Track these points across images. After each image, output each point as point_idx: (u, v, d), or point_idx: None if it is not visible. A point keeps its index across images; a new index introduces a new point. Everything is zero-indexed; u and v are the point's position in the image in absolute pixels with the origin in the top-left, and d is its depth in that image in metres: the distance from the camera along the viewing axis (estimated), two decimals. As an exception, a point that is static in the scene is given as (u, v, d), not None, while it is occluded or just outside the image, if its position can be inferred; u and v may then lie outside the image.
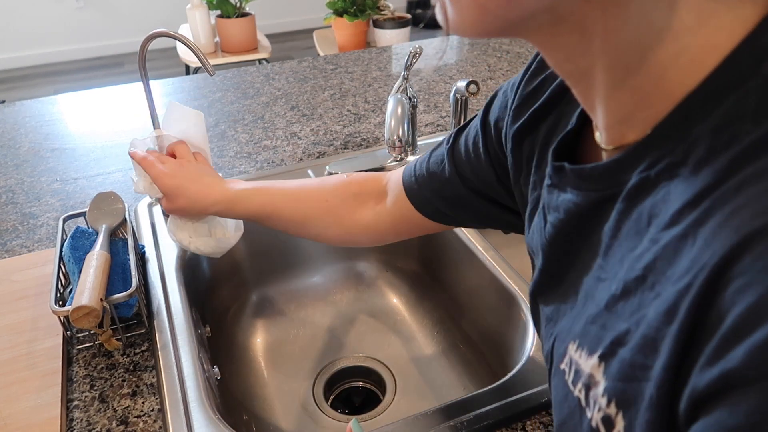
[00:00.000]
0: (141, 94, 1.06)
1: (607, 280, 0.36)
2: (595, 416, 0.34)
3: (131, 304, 0.74)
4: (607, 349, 0.34)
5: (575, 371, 0.37)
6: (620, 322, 0.33)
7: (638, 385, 0.30)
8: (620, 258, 0.35)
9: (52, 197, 1.05)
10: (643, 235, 0.33)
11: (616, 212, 0.35)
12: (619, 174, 0.35)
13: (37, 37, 4.41)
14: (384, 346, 0.99)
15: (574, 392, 0.37)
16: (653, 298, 0.30)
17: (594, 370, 0.34)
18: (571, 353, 0.38)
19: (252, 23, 2.88)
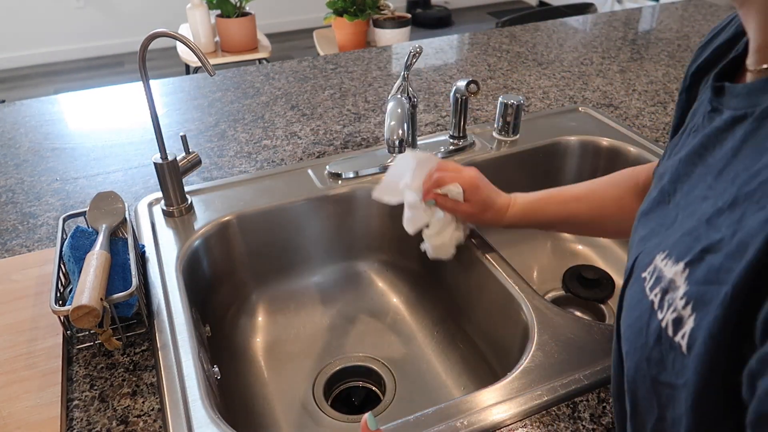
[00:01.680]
0: (141, 93, 1.06)
1: (712, 198, 0.37)
2: (667, 317, 0.35)
3: (131, 304, 0.74)
4: (696, 256, 0.34)
5: (656, 278, 0.38)
6: (715, 233, 0.33)
7: (718, 288, 0.31)
8: (734, 176, 0.35)
9: (52, 197, 1.05)
10: (764, 154, 0.33)
11: (743, 132, 0.36)
12: (756, 95, 0.36)
13: (37, 36, 4.41)
14: (384, 345, 0.99)
15: (649, 296, 0.38)
16: (757, 209, 0.31)
17: (676, 276, 0.35)
18: (657, 262, 0.39)
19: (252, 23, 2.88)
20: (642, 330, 0.39)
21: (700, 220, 0.36)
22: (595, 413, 0.64)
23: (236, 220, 0.97)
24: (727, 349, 0.30)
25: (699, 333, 0.32)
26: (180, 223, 0.95)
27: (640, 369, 0.39)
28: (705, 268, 0.33)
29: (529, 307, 0.78)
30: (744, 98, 0.37)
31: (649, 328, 0.38)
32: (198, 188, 1.03)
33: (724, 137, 0.38)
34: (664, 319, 0.36)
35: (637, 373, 0.40)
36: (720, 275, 0.31)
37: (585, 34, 1.78)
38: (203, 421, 0.64)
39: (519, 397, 0.66)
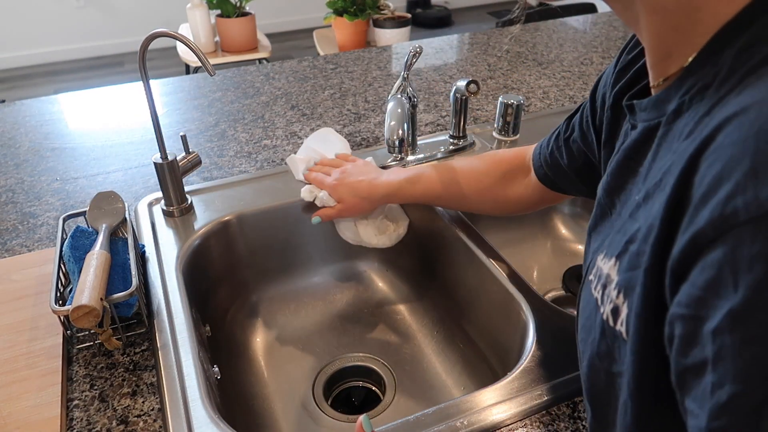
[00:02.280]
0: (141, 93, 1.06)
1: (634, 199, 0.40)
2: (607, 309, 0.38)
3: (131, 304, 0.74)
4: (622, 248, 0.37)
5: (598, 276, 0.41)
6: (634, 224, 0.37)
7: (638, 271, 0.34)
8: (653, 176, 0.37)
9: (52, 196, 1.05)
10: (675, 149, 0.35)
11: (658, 138, 0.39)
12: (664, 104, 0.38)
13: (37, 36, 4.41)
14: (384, 345, 0.99)
15: (594, 294, 0.40)
16: (661, 194, 0.33)
17: (611, 270, 0.38)
18: (599, 262, 0.42)
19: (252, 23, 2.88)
20: (591, 327, 0.41)
21: (625, 217, 0.40)
22: (595, 413, 0.64)
23: (236, 220, 0.97)
24: (654, 326, 0.32)
25: (631, 316, 0.35)
26: (180, 222, 0.95)
27: (593, 365, 0.41)
28: (627, 256, 0.36)
29: (528, 306, 0.78)
30: (652, 110, 0.40)
31: (595, 323, 0.40)
32: (198, 188, 1.03)
33: (645, 147, 0.41)
34: (605, 311, 0.38)
35: (590, 369, 0.42)
36: (638, 259, 0.34)
37: (585, 34, 1.78)
38: (203, 420, 0.64)
39: (519, 396, 0.66)
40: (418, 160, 1.10)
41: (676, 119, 0.37)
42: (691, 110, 0.35)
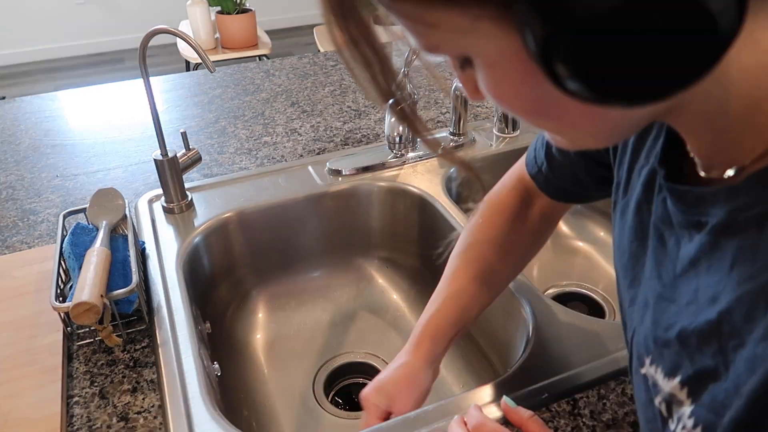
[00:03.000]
0: (141, 90, 1.05)
1: (673, 303, 0.39)
2: (677, 428, 0.37)
3: (131, 301, 0.74)
4: (691, 379, 0.36)
5: (653, 384, 0.40)
6: (702, 358, 0.35)
7: (721, 420, 0.33)
8: (694, 289, 0.36)
9: (52, 193, 1.05)
10: (721, 276, 0.34)
11: (699, 242, 0.36)
12: (710, 206, 0.35)
13: (37, 33, 4.40)
14: (384, 342, 0.99)
15: (655, 403, 0.39)
16: (735, 347, 0.32)
17: (676, 391, 0.37)
18: (647, 367, 0.41)
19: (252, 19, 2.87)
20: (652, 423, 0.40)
21: (669, 333, 0.38)
22: (595, 410, 0.64)
23: (236, 217, 0.97)
24: None
25: None
26: (180, 219, 0.95)
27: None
28: (709, 396, 0.34)
29: (529, 303, 0.78)
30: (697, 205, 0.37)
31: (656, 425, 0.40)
32: (198, 185, 1.03)
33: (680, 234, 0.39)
34: (679, 430, 0.37)
35: None
36: (724, 410, 0.33)
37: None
38: (203, 417, 0.64)
39: (519, 393, 0.66)
40: (417, 156, 1.10)
41: (727, 237, 0.34)
42: (748, 238, 0.33)
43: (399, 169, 1.08)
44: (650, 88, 0.28)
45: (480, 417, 0.54)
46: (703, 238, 0.36)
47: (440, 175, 1.05)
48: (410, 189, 1.03)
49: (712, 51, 0.27)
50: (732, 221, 0.34)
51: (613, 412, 0.64)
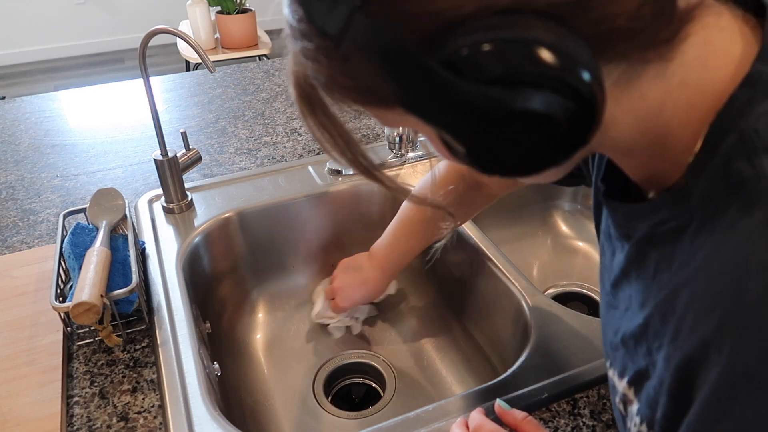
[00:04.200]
0: (141, 90, 1.06)
1: (617, 310, 0.43)
2: (632, 429, 0.41)
3: (131, 300, 0.74)
4: (633, 379, 0.40)
5: (613, 386, 0.44)
6: (638, 359, 0.40)
7: (655, 415, 0.37)
8: (628, 296, 0.40)
9: (52, 193, 1.05)
10: (647, 283, 0.38)
11: (627, 253, 0.41)
12: (636, 220, 0.40)
13: (37, 33, 4.40)
14: (384, 342, 0.99)
15: (617, 403, 0.44)
16: (657, 348, 0.37)
17: (626, 391, 0.42)
18: (608, 371, 0.45)
19: (252, 19, 2.87)
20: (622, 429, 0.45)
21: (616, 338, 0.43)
22: (595, 410, 0.64)
23: (237, 217, 0.97)
24: None
25: None
26: (180, 219, 0.95)
27: None
28: (645, 394, 0.39)
29: (529, 303, 0.78)
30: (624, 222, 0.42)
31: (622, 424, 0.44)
32: (198, 185, 1.03)
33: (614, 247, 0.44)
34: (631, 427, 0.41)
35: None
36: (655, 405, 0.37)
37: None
38: (203, 417, 0.64)
39: (519, 393, 0.66)
40: (417, 156, 1.10)
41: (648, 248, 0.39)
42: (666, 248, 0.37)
43: (399, 169, 1.08)
44: (523, 169, 0.34)
45: (480, 419, 0.58)
46: (631, 249, 0.40)
47: (440, 175, 1.05)
48: (410, 189, 1.03)
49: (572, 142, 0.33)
50: (652, 234, 0.38)
51: (613, 411, 0.64)
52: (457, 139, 0.34)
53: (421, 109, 0.33)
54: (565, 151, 0.33)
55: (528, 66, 0.29)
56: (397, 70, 0.32)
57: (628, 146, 0.39)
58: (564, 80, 0.30)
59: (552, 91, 0.30)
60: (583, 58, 0.30)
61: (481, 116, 0.31)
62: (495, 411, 0.60)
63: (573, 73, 0.30)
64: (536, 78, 0.30)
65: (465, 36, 0.30)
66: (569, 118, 0.31)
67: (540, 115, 0.30)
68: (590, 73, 0.30)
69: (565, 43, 0.29)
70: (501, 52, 0.29)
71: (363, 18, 0.31)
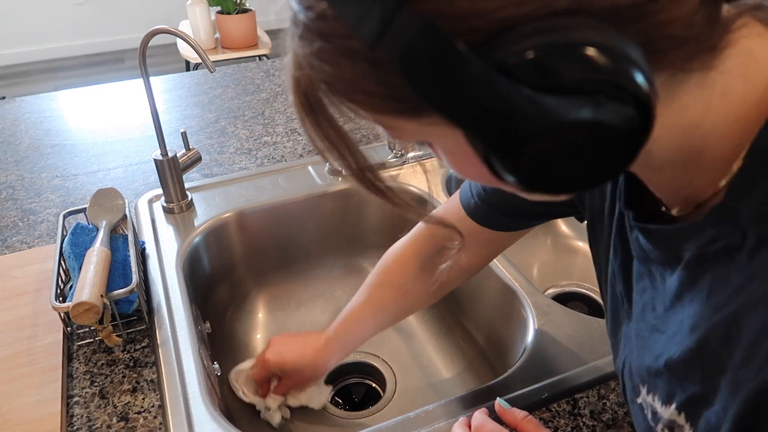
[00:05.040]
0: (141, 90, 1.06)
1: (664, 334, 0.41)
2: None
3: (131, 300, 0.74)
4: (685, 405, 0.38)
5: (653, 412, 0.42)
6: (690, 384, 0.37)
7: None
8: (680, 320, 0.38)
9: (52, 193, 1.05)
10: (700, 307, 0.36)
11: (679, 276, 0.39)
12: (681, 241, 0.38)
13: (37, 33, 4.40)
14: (384, 342, 0.99)
15: (658, 430, 0.41)
16: (717, 372, 0.35)
17: (674, 417, 0.39)
18: (644, 396, 0.43)
19: (252, 19, 2.87)
20: None
21: (658, 363, 0.40)
22: (595, 410, 0.64)
23: (236, 217, 0.97)
24: None
25: None
26: (180, 219, 0.95)
27: None
28: (705, 421, 0.36)
29: (529, 303, 0.78)
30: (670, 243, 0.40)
31: None
32: (198, 185, 1.03)
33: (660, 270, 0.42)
34: None
35: None
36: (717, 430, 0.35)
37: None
38: (203, 417, 0.64)
39: (519, 393, 0.66)
40: (417, 157, 1.10)
41: (701, 270, 0.37)
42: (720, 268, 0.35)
43: (399, 169, 1.08)
44: (574, 184, 0.32)
45: (482, 418, 0.57)
46: (683, 273, 0.38)
47: (440, 175, 1.06)
48: (410, 189, 1.03)
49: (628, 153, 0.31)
50: (703, 255, 0.36)
51: (613, 412, 0.64)
52: (505, 154, 0.31)
53: (467, 120, 0.30)
54: (621, 163, 0.31)
55: (586, 73, 0.28)
56: (444, 76, 0.29)
57: (663, 160, 0.37)
58: (623, 87, 0.28)
59: (611, 100, 0.28)
60: (640, 63, 0.28)
61: (538, 127, 0.29)
62: (495, 410, 0.60)
63: (631, 79, 0.28)
64: (597, 85, 0.28)
65: (523, 39, 0.28)
66: (627, 127, 0.29)
67: (600, 124, 0.29)
68: (647, 79, 0.28)
69: (623, 48, 0.28)
70: (559, 57, 0.28)
71: (407, 16, 0.28)
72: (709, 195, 0.37)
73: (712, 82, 0.33)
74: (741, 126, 0.33)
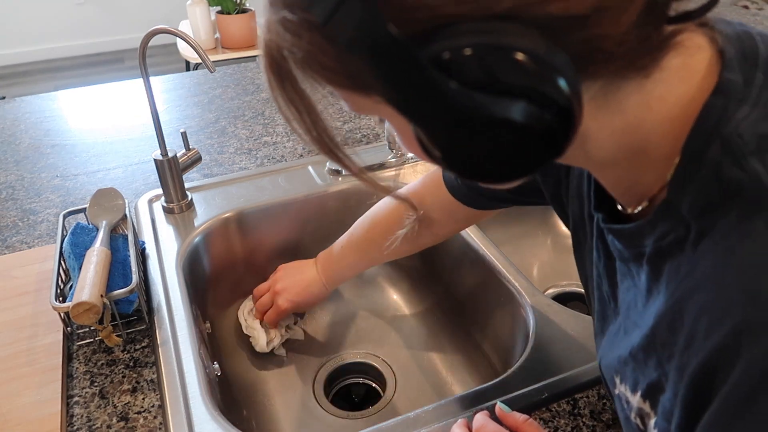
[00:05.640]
0: (141, 90, 1.06)
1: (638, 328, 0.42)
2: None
3: (131, 300, 0.74)
4: (647, 392, 0.40)
5: (626, 401, 0.43)
6: (649, 371, 0.39)
7: (670, 427, 0.37)
8: (650, 313, 0.40)
9: (52, 193, 1.05)
10: (660, 298, 0.38)
11: (646, 272, 0.40)
12: (641, 239, 0.40)
13: (37, 33, 4.40)
14: (384, 342, 0.99)
15: (632, 418, 0.43)
16: (668, 358, 0.36)
17: (641, 405, 0.41)
18: (618, 385, 0.44)
19: (252, 19, 2.87)
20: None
21: (625, 351, 0.42)
22: (595, 410, 0.64)
23: (236, 217, 0.97)
24: None
25: None
26: (180, 219, 0.95)
27: None
28: (661, 406, 0.38)
29: (529, 303, 0.78)
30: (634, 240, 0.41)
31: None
32: (198, 185, 1.03)
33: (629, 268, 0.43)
34: None
35: None
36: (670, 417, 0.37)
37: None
38: (203, 417, 0.64)
39: (519, 393, 0.66)
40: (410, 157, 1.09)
41: (659, 263, 0.38)
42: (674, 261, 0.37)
43: (399, 169, 1.08)
44: (496, 175, 0.35)
45: (483, 420, 0.58)
46: (647, 268, 0.40)
47: (440, 175, 1.05)
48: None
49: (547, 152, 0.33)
50: (659, 249, 0.38)
51: (613, 412, 0.64)
52: (432, 138, 0.34)
53: (401, 103, 0.33)
54: (538, 162, 0.34)
55: (512, 75, 0.30)
56: (384, 61, 0.31)
57: (605, 159, 0.39)
58: (544, 92, 0.30)
59: (532, 102, 0.30)
60: (565, 71, 0.30)
61: (461, 119, 0.31)
62: (495, 413, 0.60)
63: (553, 85, 0.30)
64: (518, 88, 0.30)
65: (457, 36, 0.30)
66: (545, 129, 0.31)
67: (519, 124, 0.31)
68: (570, 87, 0.30)
69: (550, 56, 0.30)
70: (489, 58, 0.30)
71: (356, 1, 0.30)
72: (657, 190, 0.39)
73: (651, 87, 0.35)
74: (679, 124, 0.35)
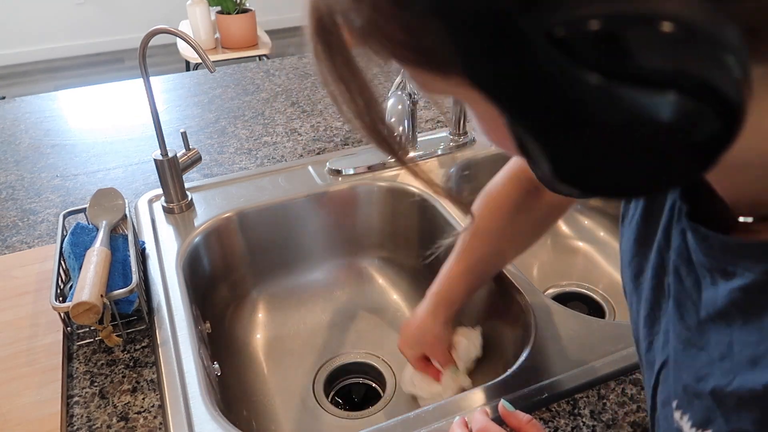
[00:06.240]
0: (141, 90, 1.06)
1: (703, 351, 0.36)
2: None
3: (131, 300, 0.74)
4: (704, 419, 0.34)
5: (678, 429, 0.37)
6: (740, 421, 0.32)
7: None
8: (728, 343, 0.34)
9: (52, 193, 1.05)
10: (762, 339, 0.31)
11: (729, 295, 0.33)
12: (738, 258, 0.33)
13: (37, 33, 4.40)
14: (384, 342, 0.99)
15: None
16: None
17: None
18: (675, 413, 0.38)
19: (252, 19, 2.87)
20: None
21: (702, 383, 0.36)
22: (595, 410, 0.64)
23: (236, 217, 0.97)
24: None
25: None
26: (180, 219, 0.95)
27: None
28: None
29: (529, 303, 0.78)
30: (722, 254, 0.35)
31: None
32: (198, 185, 1.03)
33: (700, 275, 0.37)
34: None
35: None
36: None
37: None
38: (203, 417, 0.64)
39: (519, 393, 0.66)
40: (418, 156, 1.10)
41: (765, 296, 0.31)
42: None
43: (399, 169, 1.07)
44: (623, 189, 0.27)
45: (483, 420, 0.55)
46: (736, 293, 0.33)
47: (441, 175, 1.06)
48: (410, 189, 1.03)
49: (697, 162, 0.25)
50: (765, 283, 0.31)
51: (613, 412, 0.64)
52: (539, 138, 0.25)
53: (496, 92, 0.25)
54: (686, 173, 0.25)
55: (665, 59, 0.22)
56: (475, 34, 0.23)
57: (736, 162, 0.30)
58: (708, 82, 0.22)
59: (687, 94, 0.22)
60: (736, 52, 0.22)
61: (584, 116, 0.23)
62: (498, 411, 0.59)
63: (722, 74, 0.22)
64: (673, 76, 0.22)
65: (582, 4, 0.22)
66: (703, 133, 0.23)
67: (668, 126, 0.23)
68: (742, 75, 0.22)
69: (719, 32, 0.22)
70: (630, 34, 0.21)
71: None
72: None
73: None
74: None
